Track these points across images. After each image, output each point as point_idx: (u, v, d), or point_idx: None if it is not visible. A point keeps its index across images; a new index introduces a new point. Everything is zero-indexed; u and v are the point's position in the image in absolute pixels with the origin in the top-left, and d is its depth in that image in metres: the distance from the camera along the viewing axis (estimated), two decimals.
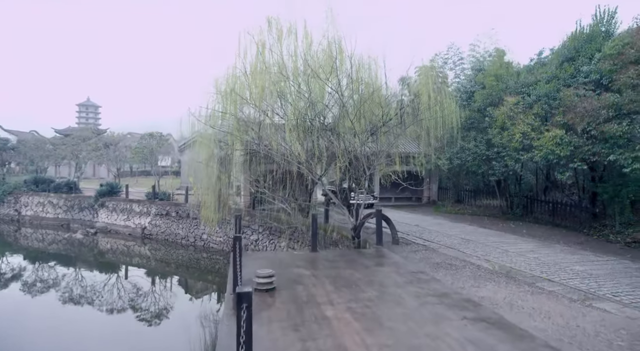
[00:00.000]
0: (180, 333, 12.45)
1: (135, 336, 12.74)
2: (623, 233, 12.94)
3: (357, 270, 8.56)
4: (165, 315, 14.74)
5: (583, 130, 12.25)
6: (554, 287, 7.81)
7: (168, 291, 18.17)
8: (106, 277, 19.82)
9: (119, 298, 16.52)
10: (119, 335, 12.75)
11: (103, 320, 14.41)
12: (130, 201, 25.96)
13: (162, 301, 16.37)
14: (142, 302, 16.11)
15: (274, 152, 11.36)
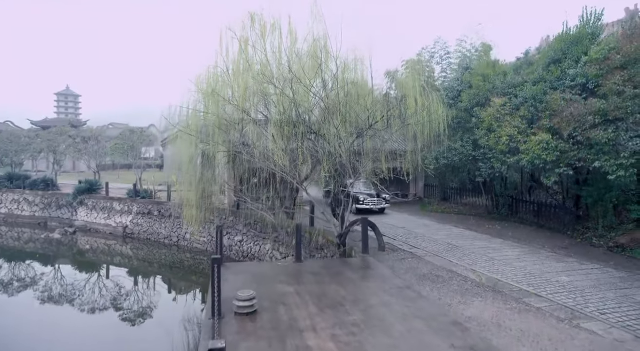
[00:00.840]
0: (163, 337, 12.17)
1: (117, 338, 12.47)
2: (606, 237, 13.02)
3: (342, 286, 8.33)
4: (149, 316, 14.60)
5: (569, 135, 12.17)
6: (541, 303, 7.72)
7: (151, 292, 17.88)
8: (86, 277, 19.48)
9: (100, 299, 16.32)
10: (100, 338, 12.47)
11: (83, 321, 14.28)
12: (111, 199, 25.27)
13: (145, 302, 16.16)
14: (124, 303, 15.93)
15: (256, 159, 10.99)
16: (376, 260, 10.73)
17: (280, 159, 10.31)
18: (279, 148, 10.40)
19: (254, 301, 6.76)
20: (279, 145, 10.59)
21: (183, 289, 17.74)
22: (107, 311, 15.09)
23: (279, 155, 10.47)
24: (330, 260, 10.85)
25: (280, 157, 10.51)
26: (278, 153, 10.44)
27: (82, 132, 36.78)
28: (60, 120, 55.53)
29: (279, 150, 10.44)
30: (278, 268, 9.68)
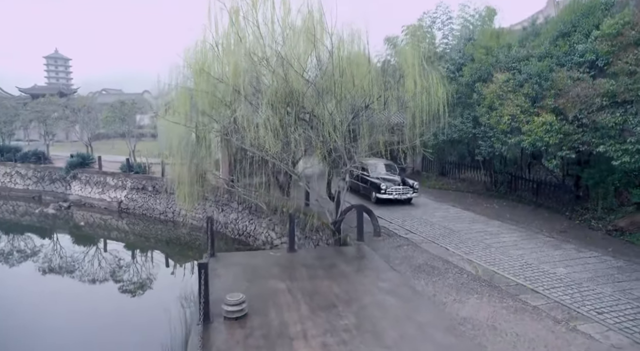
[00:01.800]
0: (160, 310, 12.24)
1: (115, 309, 12.76)
2: (605, 220, 12.84)
3: (335, 281, 8.15)
4: (147, 289, 15.07)
5: (574, 117, 11.67)
6: (537, 301, 7.57)
7: (149, 265, 18.14)
8: (84, 249, 19.83)
9: (99, 271, 16.74)
10: (99, 309, 12.71)
11: (82, 292, 14.69)
12: (104, 173, 24.88)
13: (143, 276, 16.65)
14: (122, 276, 16.33)
15: (246, 146, 10.53)
16: (371, 248, 10.54)
17: (272, 146, 9.85)
18: (270, 135, 9.90)
19: (243, 305, 6.56)
20: (270, 130, 10.08)
21: (180, 264, 17.83)
22: (105, 283, 15.56)
23: (270, 141, 9.99)
24: (324, 248, 10.66)
25: (272, 143, 10.04)
26: (269, 141, 9.96)
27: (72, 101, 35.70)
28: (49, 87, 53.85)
29: (270, 137, 9.95)
30: (270, 259, 9.49)
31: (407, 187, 15.75)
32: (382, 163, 16.65)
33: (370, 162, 16.40)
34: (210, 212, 20.27)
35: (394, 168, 17.09)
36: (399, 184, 15.77)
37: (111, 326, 10.98)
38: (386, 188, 15.30)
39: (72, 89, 55.25)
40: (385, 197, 15.22)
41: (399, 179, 16.08)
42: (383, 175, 16.20)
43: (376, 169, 16.51)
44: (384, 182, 15.61)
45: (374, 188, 15.66)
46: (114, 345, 9.92)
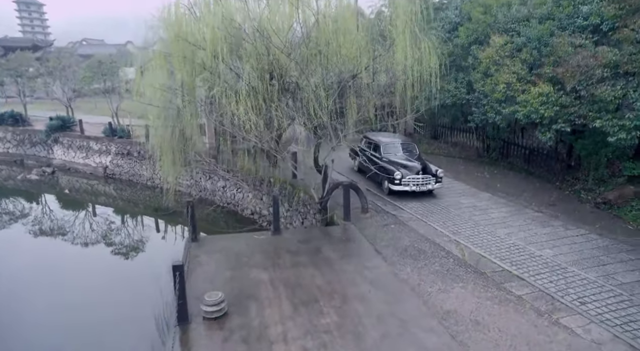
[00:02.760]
0: (149, 274, 12.56)
1: (106, 272, 13.13)
2: (594, 192, 12.70)
3: (319, 269, 8.01)
4: (139, 252, 15.55)
5: (573, 88, 11.10)
6: (522, 290, 7.52)
7: (139, 230, 18.39)
8: (73, 213, 19.92)
9: (91, 233, 17.13)
10: (89, 271, 13.18)
11: (73, 254, 15.12)
12: (87, 138, 24.07)
13: (133, 240, 16.89)
14: (113, 239, 16.69)
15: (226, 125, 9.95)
16: (358, 227, 10.36)
17: (253, 126, 9.29)
18: (252, 114, 9.30)
19: (223, 304, 6.41)
20: (251, 108, 9.46)
21: (169, 230, 17.87)
22: (96, 245, 15.97)
23: (252, 120, 9.41)
24: (310, 229, 10.46)
25: (254, 122, 9.47)
26: (251, 119, 9.37)
27: (48, 54, 33.63)
28: (23, 40, 50.53)
29: (252, 116, 9.36)
30: (254, 243, 9.28)
31: (428, 176, 12.48)
32: (397, 141, 14.04)
33: (383, 140, 13.95)
34: (197, 178, 19.94)
35: (413, 148, 13.99)
36: (418, 172, 12.38)
37: (98, 297, 11.05)
38: (401, 178, 12.24)
39: (47, 41, 51.92)
40: (400, 189, 12.28)
41: (418, 165, 12.57)
42: (398, 159, 13.11)
43: (390, 149, 13.55)
44: (400, 168, 12.50)
45: (387, 177, 12.62)
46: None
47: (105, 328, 9.43)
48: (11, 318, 10.28)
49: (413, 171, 12.45)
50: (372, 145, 14.20)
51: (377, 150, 13.75)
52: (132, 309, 10.04)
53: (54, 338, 9.57)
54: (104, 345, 9.11)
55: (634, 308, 6.97)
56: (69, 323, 9.86)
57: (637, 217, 10.93)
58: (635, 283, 7.74)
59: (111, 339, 9.19)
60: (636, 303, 7.10)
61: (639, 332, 6.35)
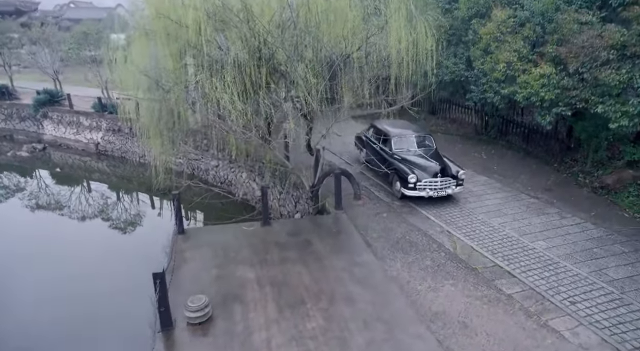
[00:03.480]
0: (143, 248, 12.76)
1: (104, 246, 13.34)
2: (592, 175, 12.46)
3: (307, 266, 7.90)
4: (136, 226, 15.95)
5: (575, 70, 10.57)
6: (513, 288, 7.43)
7: (134, 205, 18.52)
8: (69, 189, 20.06)
9: (88, 208, 17.51)
10: (86, 243, 13.49)
11: (66, 230, 15.48)
12: (76, 113, 23.47)
13: (130, 215, 17.24)
14: (110, 214, 17.04)
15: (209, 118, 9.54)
16: (350, 216, 10.18)
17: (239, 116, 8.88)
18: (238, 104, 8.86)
19: (207, 309, 6.30)
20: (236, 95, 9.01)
21: (165, 206, 17.82)
22: (91, 220, 16.35)
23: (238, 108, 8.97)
24: (299, 220, 10.27)
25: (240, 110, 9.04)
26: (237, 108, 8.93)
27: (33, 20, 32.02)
28: (4, 3, 47.93)
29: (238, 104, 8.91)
30: (243, 235, 9.12)
31: (447, 180, 10.60)
32: (411, 133, 12.05)
33: (393, 131, 12.13)
34: (190, 156, 19.60)
35: (430, 141, 12.03)
36: (436, 174, 10.51)
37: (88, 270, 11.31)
38: (416, 182, 10.39)
39: (32, 3, 49.20)
40: (415, 195, 10.49)
41: (436, 166, 10.66)
42: (412, 156, 11.20)
43: (402, 143, 11.67)
44: (415, 169, 10.60)
45: (399, 177, 10.87)
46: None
47: (99, 300, 9.61)
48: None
49: (430, 173, 10.53)
50: (381, 136, 12.34)
51: (387, 144, 11.90)
52: (125, 281, 10.19)
53: (45, 310, 9.78)
54: (96, 317, 9.26)
55: (624, 308, 6.90)
56: (59, 295, 10.16)
57: (633, 204, 10.74)
58: (627, 280, 7.64)
59: (104, 312, 9.34)
60: (626, 302, 7.03)
61: (626, 335, 6.30)
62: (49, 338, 8.96)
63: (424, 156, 11.20)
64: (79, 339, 8.79)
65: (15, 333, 9.11)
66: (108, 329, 8.82)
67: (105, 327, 8.86)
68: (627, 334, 6.31)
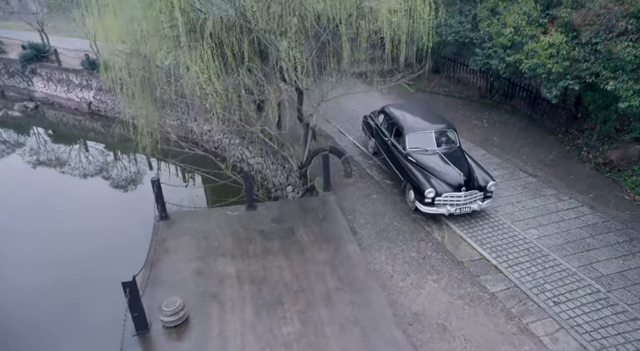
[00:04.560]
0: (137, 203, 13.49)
1: (104, 204, 14.10)
2: (597, 150, 11.87)
3: (289, 259, 7.76)
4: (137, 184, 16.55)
5: (589, 41, 9.62)
6: (497, 285, 7.28)
7: (132, 165, 18.46)
8: (67, 147, 20.31)
9: (88, 165, 18.16)
10: (85, 198, 14.45)
11: (66, 186, 16.26)
12: (65, 70, 22.61)
13: (130, 173, 17.73)
14: (110, 171, 17.76)
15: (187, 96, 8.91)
16: (339, 198, 9.90)
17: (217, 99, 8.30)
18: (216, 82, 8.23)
19: (181, 312, 6.25)
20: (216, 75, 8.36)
21: (163, 168, 17.72)
22: (93, 177, 17.13)
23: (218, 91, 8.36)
24: (286, 203, 9.96)
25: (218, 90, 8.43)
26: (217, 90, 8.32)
27: None
28: None
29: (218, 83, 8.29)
30: (227, 222, 8.92)
31: (473, 192, 8.68)
32: (430, 128, 9.83)
33: (408, 122, 10.02)
34: (183, 119, 19.07)
35: (453, 137, 9.83)
36: (460, 186, 8.56)
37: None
38: (434, 197, 8.53)
39: None
40: (433, 212, 8.69)
41: (460, 175, 8.62)
42: (431, 158, 9.16)
43: (418, 140, 9.52)
44: (432, 178, 8.75)
45: (413, 187, 8.95)
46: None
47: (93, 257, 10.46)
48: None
49: (453, 184, 8.57)
50: (393, 127, 10.25)
51: (400, 138, 9.83)
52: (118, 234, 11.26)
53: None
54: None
55: (608, 309, 6.75)
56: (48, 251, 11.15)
57: (635, 185, 10.27)
58: (615, 276, 7.44)
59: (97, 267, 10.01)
60: (611, 303, 6.87)
61: (606, 341, 6.20)
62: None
63: (445, 159, 9.05)
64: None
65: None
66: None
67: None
68: (608, 340, 6.22)
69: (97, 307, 8.87)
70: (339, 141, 13.14)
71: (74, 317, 9.13)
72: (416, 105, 11.62)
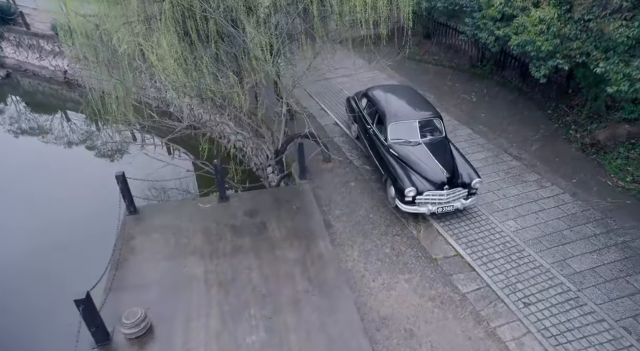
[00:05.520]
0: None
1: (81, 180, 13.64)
2: (585, 129, 11.49)
3: (259, 258, 7.59)
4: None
5: (581, 17, 8.93)
6: (469, 285, 7.20)
7: (115, 135, 18.11)
8: (47, 117, 19.89)
9: (70, 134, 18.02)
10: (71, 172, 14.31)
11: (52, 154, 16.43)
12: (35, 35, 21.31)
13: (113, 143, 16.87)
14: (92, 141, 17.54)
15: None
16: (314, 187, 9.61)
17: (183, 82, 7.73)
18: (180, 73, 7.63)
19: (143, 323, 6.14)
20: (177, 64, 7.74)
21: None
22: (76, 146, 17.13)
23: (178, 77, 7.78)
24: (260, 194, 9.57)
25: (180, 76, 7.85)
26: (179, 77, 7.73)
27: None
28: None
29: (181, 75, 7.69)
30: (199, 215, 8.65)
31: (457, 190, 8.25)
32: (414, 117, 9.13)
33: (390, 109, 9.37)
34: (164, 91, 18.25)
35: (439, 126, 9.19)
36: (442, 184, 8.11)
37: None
38: (415, 195, 8.11)
39: None
40: (413, 210, 8.27)
41: (443, 172, 8.15)
42: (413, 151, 8.61)
43: (402, 131, 8.94)
44: (414, 175, 8.26)
45: (393, 184, 8.53)
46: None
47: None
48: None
49: (435, 182, 8.11)
50: (376, 114, 9.62)
51: (382, 127, 9.22)
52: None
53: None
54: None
55: (577, 310, 6.72)
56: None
57: (619, 169, 10.02)
58: (587, 272, 7.36)
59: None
60: (580, 303, 6.83)
61: (571, 346, 6.21)
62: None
63: (429, 153, 8.48)
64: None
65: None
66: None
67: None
68: (572, 344, 6.22)
69: (55, 314, 8.53)
70: (320, 120, 12.63)
71: (25, 325, 8.67)
72: (401, 89, 10.86)
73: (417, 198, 8.15)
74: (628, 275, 7.23)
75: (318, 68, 9.95)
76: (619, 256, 7.62)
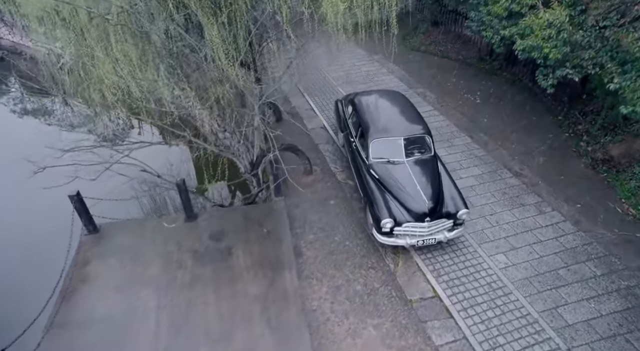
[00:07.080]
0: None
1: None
2: (597, 141, 10.37)
3: (217, 292, 7.00)
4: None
5: (595, 24, 7.72)
6: (444, 336, 6.46)
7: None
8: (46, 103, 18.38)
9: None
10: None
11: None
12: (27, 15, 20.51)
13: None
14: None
15: None
16: (289, 205, 8.90)
17: None
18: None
19: None
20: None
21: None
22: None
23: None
24: (230, 212, 8.88)
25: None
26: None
27: None
28: None
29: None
30: (162, 237, 8.04)
31: (442, 219, 7.38)
32: (400, 133, 8.10)
33: (375, 123, 8.39)
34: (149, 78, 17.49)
35: (427, 144, 8.16)
36: (424, 215, 7.19)
37: None
38: (393, 226, 7.27)
39: None
40: (390, 243, 7.47)
41: (426, 201, 7.22)
42: (396, 173, 7.68)
43: (384, 149, 7.98)
44: (393, 202, 7.42)
45: (370, 209, 7.67)
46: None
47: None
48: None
49: (416, 212, 7.19)
50: (360, 124, 8.66)
51: (364, 142, 8.28)
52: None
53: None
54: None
55: None
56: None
57: (632, 193, 8.97)
58: (581, 326, 6.54)
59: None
60: None
61: None
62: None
63: (412, 176, 7.51)
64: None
65: None
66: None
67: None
68: None
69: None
70: (308, 123, 11.76)
71: None
72: (391, 97, 9.65)
73: (395, 229, 7.33)
74: (629, 332, 6.38)
75: (300, 68, 9.07)
76: (620, 306, 6.76)
